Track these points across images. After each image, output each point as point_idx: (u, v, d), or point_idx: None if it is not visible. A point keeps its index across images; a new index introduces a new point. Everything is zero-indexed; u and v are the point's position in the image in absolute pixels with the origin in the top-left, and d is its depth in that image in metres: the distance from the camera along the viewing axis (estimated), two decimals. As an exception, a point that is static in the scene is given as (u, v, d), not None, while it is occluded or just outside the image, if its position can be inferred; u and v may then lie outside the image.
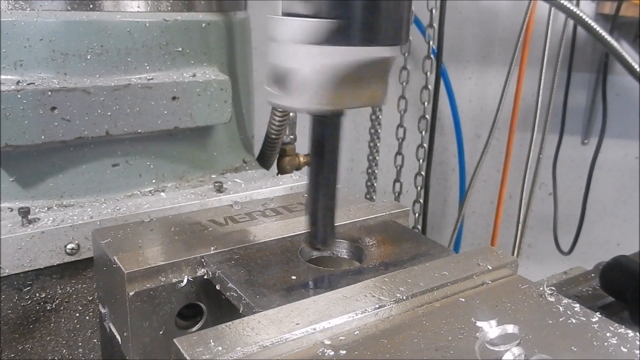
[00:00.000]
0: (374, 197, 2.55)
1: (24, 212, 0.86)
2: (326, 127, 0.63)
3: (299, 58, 0.58)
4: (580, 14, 0.86)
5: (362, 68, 0.59)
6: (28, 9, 0.90)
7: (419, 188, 2.19)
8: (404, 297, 0.63)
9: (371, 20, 0.58)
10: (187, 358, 0.51)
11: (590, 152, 2.47)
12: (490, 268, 0.69)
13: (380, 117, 2.46)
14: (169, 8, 1.02)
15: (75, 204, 0.97)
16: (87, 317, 0.91)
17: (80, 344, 0.92)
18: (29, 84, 0.88)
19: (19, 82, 0.88)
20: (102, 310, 0.81)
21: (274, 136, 1.26)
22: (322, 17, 0.56)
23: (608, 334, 0.58)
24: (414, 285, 0.65)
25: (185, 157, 1.09)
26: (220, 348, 0.52)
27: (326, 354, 0.55)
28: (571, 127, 2.57)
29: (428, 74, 2.09)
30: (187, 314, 0.73)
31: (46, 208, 0.94)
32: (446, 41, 2.00)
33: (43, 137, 0.89)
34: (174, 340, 0.53)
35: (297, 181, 1.09)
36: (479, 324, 0.59)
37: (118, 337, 0.74)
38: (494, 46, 2.61)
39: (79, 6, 0.93)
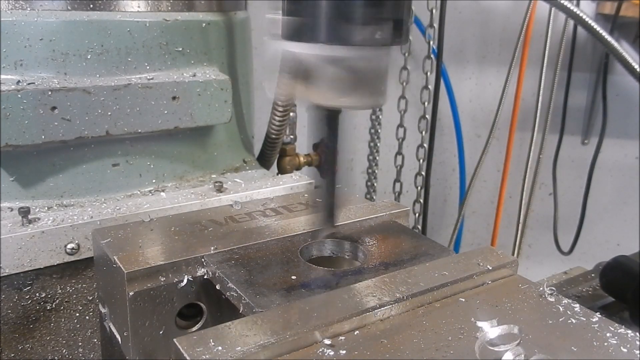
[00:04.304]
0: (374, 197, 2.55)
1: (24, 212, 0.86)
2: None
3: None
4: (581, 14, 0.86)
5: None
6: (28, 9, 0.90)
7: (419, 188, 2.20)
8: (404, 297, 0.63)
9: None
10: (187, 358, 0.51)
11: (590, 152, 2.47)
12: (490, 268, 0.69)
13: (380, 117, 2.47)
14: (169, 8, 1.02)
15: (75, 203, 0.97)
16: (87, 317, 0.91)
17: (80, 343, 0.92)
18: (29, 84, 0.88)
19: (19, 81, 0.88)
20: (102, 310, 0.81)
21: (274, 136, 1.26)
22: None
23: (608, 334, 0.58)
24: (414, 285, 0.65)
25: (185, 157, 1.09)
26: (220, 348, 0.52)
27: (326, 354, 0.55)
28: (571, 127, 2.57)
29: (428, 74, 2.09)
30: (187, 314, 0.73)
31: (46, 208, 0.94)
32: (446, 41, 2.00)
33: (43, 137, 0.89)
34: (174, 340, 0.53)
35: (297, 181, 1.09)
36: (479, 324, 0.59)
37: (118, 337, 0.74)
38: (494, 46, 2.61)
39: (79, 6, 0.93)
